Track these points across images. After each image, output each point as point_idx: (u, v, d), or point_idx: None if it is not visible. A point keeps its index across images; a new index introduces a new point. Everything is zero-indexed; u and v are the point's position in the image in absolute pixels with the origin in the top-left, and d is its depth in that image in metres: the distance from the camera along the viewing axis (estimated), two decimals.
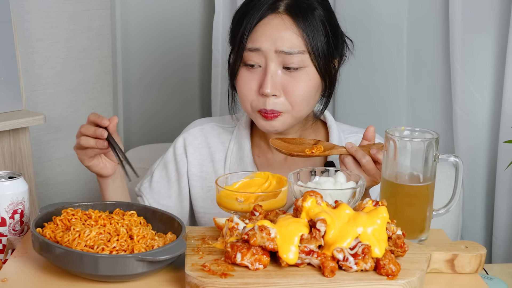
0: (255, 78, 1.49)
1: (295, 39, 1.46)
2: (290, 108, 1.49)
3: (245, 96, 1.51)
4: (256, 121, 1.54)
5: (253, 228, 1.11)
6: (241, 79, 1.51)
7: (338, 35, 1.54)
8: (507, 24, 1.84)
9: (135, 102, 2.47)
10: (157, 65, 2.47)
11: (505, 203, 1.92)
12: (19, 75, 1.95)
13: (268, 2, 1.47)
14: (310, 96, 1.50)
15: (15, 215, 1.33)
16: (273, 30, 1.46)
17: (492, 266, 1.55)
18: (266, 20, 1.47)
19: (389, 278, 1.10)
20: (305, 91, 1.48)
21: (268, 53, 1.46)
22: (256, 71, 1.49)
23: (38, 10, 2.10)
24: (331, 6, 1.55)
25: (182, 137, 1.68)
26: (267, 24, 1.47)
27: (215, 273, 1.09)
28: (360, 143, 1.45)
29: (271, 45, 1.46)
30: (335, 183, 1.29)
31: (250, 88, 1.49)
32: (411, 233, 1.26)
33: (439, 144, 1.27)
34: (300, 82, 1.47)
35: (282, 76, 1.48)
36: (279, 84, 1.47)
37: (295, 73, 1.47)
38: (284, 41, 1.46)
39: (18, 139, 1.97)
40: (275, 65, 1.47)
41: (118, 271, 1.10)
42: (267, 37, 1.46)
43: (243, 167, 1.61)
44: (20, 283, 1.13)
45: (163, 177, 1.66)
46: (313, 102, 1.53)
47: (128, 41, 2.38)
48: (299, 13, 1.46)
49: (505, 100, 1.85)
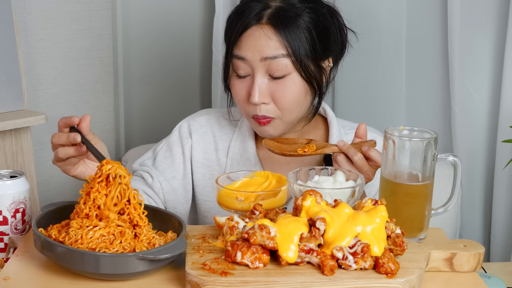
0: (245, 87, 1.52)
1: (277, 46, 1.48)
2: (280, 114, 1.52)
3: (238, 103, 1.56)
4: (252, 125, 1.59)
5: (253, 227, 1.11)
6: (233, 87, 1.55)
7: (329, 36, 1.55)
8: (505, 24, 1.84)
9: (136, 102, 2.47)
10: (157, 65, 2.48)
11: (503, 202, 1.93)
12: (20, 75, 1.96)
13: (254, 12, 1.50)
14: (298, 101, 1.52)
15: (17, 214, 1.33)
16: (256, 41, 1.48)
17: (490, 265, 1.56)
18: (250, 31, 1.49)
19: (388, 277, 1.10)
20: (292, 98, 1.51)
21: (254, 62, 1.49)
22: (245, 80, 1.52)
23: (40, 10, 2.10)
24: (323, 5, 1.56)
25: (186, 122, 1.69)
26: (250, 35, 1.49)
27: (215, 271, 1.09)
28: (352, 140, 1.47)
29: (256, 55, 1.48)
30: (335, 182, 1.29)
31: (242, 96, 1.53)
32: (410, 232, 1.27)
33: (437, 144, 1.27)
34: (286, 89, 1.50)
35: (269, 84, 1.50)
36: (267, 92, 1.50)
37: (281, 81, 1.50)
38: (267, 48, 1.48)
39: (19, 139, 1.98)
40: (261, 74, 1.50)
41: (119, 270, 1.10)
42: (251, 47, 1.49)
43: (246, 158, 1.63)
44: (22, 281, 1.13)
45: (167, 157, 1.66)
46: (305, 105, 1.55)
47: (129, 41, 2.39)
48: (281, 22, 1.48)
49: (503, 100, 1.85)
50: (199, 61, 2.53)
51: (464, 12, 1.88)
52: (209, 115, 1.71)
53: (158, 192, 1.63)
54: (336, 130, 1.62)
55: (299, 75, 1.50)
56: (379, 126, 1.68)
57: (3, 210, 1.32)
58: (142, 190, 1.61)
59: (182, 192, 1.66)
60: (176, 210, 1.65)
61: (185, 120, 1.70)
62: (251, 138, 1.65)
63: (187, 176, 1.66)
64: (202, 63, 2.53)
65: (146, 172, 1.65)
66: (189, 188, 1.67)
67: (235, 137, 1.66)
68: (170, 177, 1.65)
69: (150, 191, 1.63)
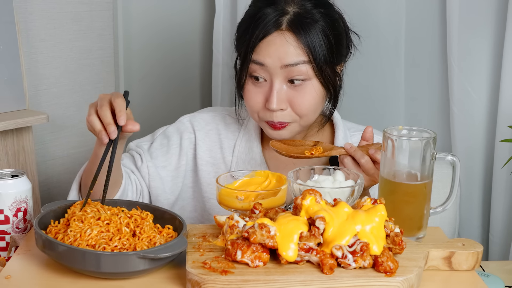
0: (261, 92, 1.51)
1: (299, 53, 1.47)
2: (297, 118, 1.52)
3: (252, 108, 1.54)
4: (264, 129, 1.57)
5: (253, 226, 1.12)
6: (248, 92, 1.53)
7: (342, 41, 1.55)
8: (503, 24, 1.84)
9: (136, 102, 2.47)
10: (158, 65, 2.48)
11: (501, 201, 1.93)
12: (22, 75, 1.97)
13: (272, 19, 1.48)
14: (316, 107, 1.53)
15: (18, 213, 1.34)
16: (277, 48, 1.47)
17: (489, 263, 1.56)
18: (270, 37, 1.48)
19: (387, 275, 1.10)
20: (310, 103, 1.51)
21: (273, 69, 1.48)
22: (262, 85, 1.51)
23: (41, 11, 2.10)
24: (335, 10, 1.55)
25: (188, 117, 1.68)
26: (270, 41, 1.48)
27: (215, 270, 1.10)
28: (359, 143, 1.47)
29: (276, 62, 1.47)
30: (334, 182, 1.29)
31: (257, 102, 1.52)
32: (409, 230, 1.27)
33: (436, 143, 1.28)
34: (305, 95, 1.49)
35: (287, 90, 1.49)
36: (285, 98, 1.49)
37: (300, 87, 1.49)
38: (288, 56, 1.47)
39: (21, 138, 1.98)
40: (280, 80, 1.49)
41: (120, 268, 1.11)
42: (271, 54, 1.47)
43: (252, 157, 1.63)
44: (23, 280, 1.14)
45: (164, 145, 1.66)
46: (320, 109, 1.56)
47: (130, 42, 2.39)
48: (301, 28, 1.47)
49: (502, 100, 1.86)
50: (200, 61, 2.53)
51: (462, 12, 1.88)
52: (215, 113, 1.70)
53: (144, 176, 1.62)
54: (342, 132, 1.63)
55: (318, 81, 1.50)
56: (378, 126, 1.68)
57: (4, 209, 1.32)
58: (130, 168, 1.61)
59: (169, 183, 1.65)
60: (158, 199, 1.64)
61: (187, 115, 1.69)
62: (257, 138, 1.65)
63: (180, 169, 1.66)
64: (202, 63, 2.53)
65: (138, 154, 1.64)
66: (179, 182, 1.66)
67: (241, 135, 1.66)
68: (161, 165, 1.64)
69: (137, 172, 1.62)
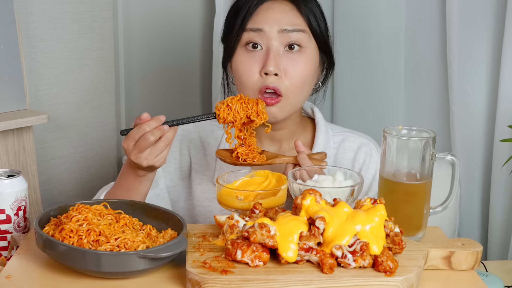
0: (257, 60, 1.51)
1: (297, 19, 1.50)
2: (288, 92, 1.50)
3: (246, 80, 1.52)
4: None
5: (253, 225, 1.12)
6: (241, 63, 1.53)
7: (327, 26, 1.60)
8: (502, 24, 1.84)
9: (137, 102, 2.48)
10: (159, 65, 2.48)
11: (500, 200, 1.93)
12: (23, 75, 1.97)
13: None
14: (307, 80, 1.53)
15: (19, 212, 1.34)
16: (275, 13, 1.50)
17: (488, 263, 1.56)
18: (267, 4, 1.51)
19: (387, 275, 1.11)
20: (304, 73, 1.51)
21: (271, 33, 1.50)
22: (257, 53, 1.51)
23: (42, 11, 2.11)
24: None
25: None
26: (268, 8, 1.51)
27: (215, 269, 1.10)
28: None
29: (274, 26, 1.49)
30: (334, 181, 1.30)
31: (252, 71, 1.51)
32: (409, 230, 1.27)
33: (436, 143, 1.28)
34: (299, 64, 1.51)
35: (283, 57, 1.50)
36: (281, 64, 1.50)
37: (296, 54, 1.51)
38: (287, 20, 1.50)
39: (22, 138, 1.98)
40: (277, 44, 1.50)
41: (120, 268, 1.11)
42: (269, 20, 1.50)
43: None
44: (24, 279, 1.14)
45: None
46: (308, 89, 1.56)
47: (130, 42, 2.39)
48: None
49: (501, 100, 1.86)
50: (200, 61, 2.53)
51: (462, 12, 1.89)
52: None
53: None
54: (323, 132, 1.64)
55: (315, 48, 1.52)
56: (378, 126, 1.69)
57: (6, 209, 1.33)
58: None
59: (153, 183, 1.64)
60: None
61: None
62: None
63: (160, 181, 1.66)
64: (202, 62, 2.53)
65: None
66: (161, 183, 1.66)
67: (223, 140, 1.66)
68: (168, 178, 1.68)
69: None
